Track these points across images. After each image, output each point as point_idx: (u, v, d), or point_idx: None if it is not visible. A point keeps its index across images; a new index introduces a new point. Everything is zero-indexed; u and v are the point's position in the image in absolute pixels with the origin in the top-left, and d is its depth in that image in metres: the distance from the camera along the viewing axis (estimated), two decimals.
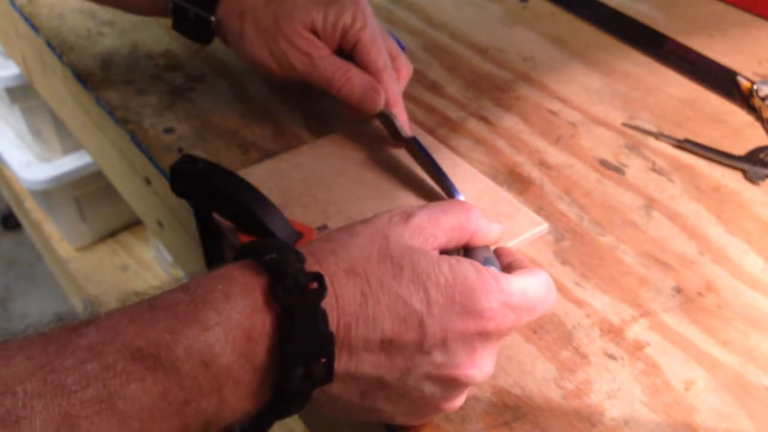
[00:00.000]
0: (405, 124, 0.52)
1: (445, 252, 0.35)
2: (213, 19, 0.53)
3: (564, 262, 0.46)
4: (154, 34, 0.66)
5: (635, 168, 0.55)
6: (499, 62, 0.66)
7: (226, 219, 0.44)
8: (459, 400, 0.35)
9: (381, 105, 0.51)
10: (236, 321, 0.29)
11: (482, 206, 0.48)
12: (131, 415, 0.26)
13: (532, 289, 0.35)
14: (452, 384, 0.34)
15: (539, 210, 0.50)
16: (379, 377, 0.32)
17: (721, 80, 0.65)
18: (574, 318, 0.43)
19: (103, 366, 0.26)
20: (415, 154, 0.51)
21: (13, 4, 0.70)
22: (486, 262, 0.37)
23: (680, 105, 0.62)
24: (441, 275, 0.33)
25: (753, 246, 0.49)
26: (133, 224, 1.31)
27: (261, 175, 0.49)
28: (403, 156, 0.52)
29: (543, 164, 0.54)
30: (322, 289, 0.30)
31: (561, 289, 0.45)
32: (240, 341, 0.29)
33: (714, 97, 0.63)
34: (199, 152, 0.53)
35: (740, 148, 0.57)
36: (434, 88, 0.62)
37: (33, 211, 1.36)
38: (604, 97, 0.62)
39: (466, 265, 0.33)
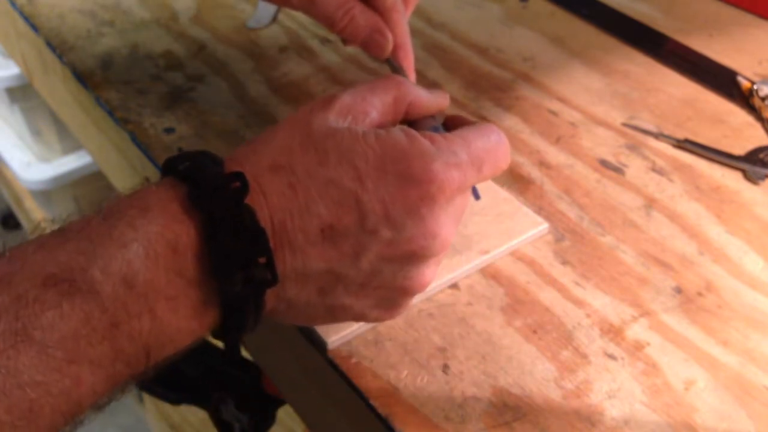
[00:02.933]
0: (412, 76, 0.47)
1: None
2: None
3: (564, 262, 0.46)
4: (154, 34, 0.66)
5: (635, 168, 0.55)
6: (499, 62, 0.66)
7: None
8: (425, 276, 0.33)
9: (388, 51, 0.45)
10: (155, 234, 0.27)
11: (482, 206, 0.48)
12: (51, 345, 0.24)
13: (475, 143, 0.33)
14: (410, 259, 0.32)
15: (539, 210, 0.50)
16: (330, 269, 0.31)
17: (721, 80, 0.65)
18: (574, 318, 0.43)
19: (13, 297, 0.24)
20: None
21: (13, 4, 0.70)
22: (433, 131, 0.34)
23: (680, 105, 0.62)
24: (368, 147, 0.31)
25: (753, 246, 0.49)
26: None
27: None
28: None
29: (543, 164, 0.54)
30: (245, 187, 0.28)
31: (561, 289, 0.45)
32: (164, 255, 0.27)
33: (714, 97, 0.63)
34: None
35: (740, 148, 0.57)
36: (434, 88, 0.62)
37: (33, 211, 1.36)
38: (604, 97, 0.62)
39: (395, 132, 0.31)
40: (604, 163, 0.55)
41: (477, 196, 0.39)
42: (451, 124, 0.36)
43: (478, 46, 0.68)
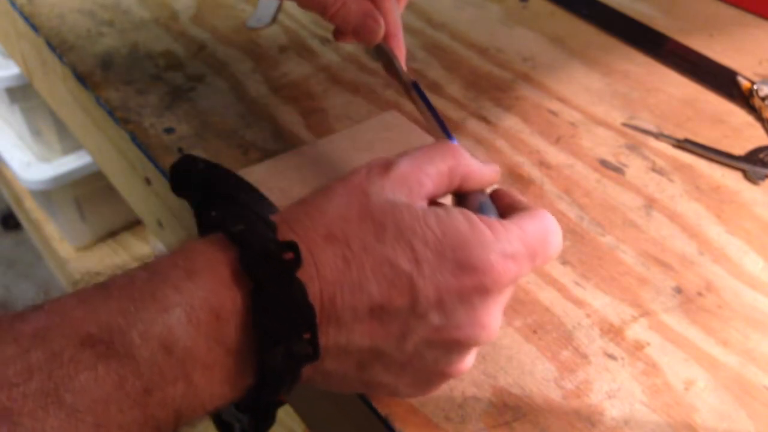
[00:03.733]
0: (403, 62, 0.47)
1: (433, 202, 0.32)
2: None
3: (564, 262, 0.46)
4: (154, 34, 0.66)
5: (635, 168, 0.55)
6: (499, 62, 0.66)
7: None
8: (465, 364, 0.32)
9: (380, 37, 0.45)
10: (200, 299, 0.26)
11: None
12: (82, 409, 0.23)
13: (532, 234, 0.32)
14: (455, 347, 0.31)
15: None
16: (374, 347, 0.30)
17: (721, 80, 0.65)
18: (574, 318, 0.43)
19: (48, 355, 0.23)
20: (413, 99, 0.47)
21: (13, 4, 0.70)
22: (482, 207, 0.34)
23: (680, 105, 0.62)
24: (428, 230, 0.30)
25: (753, 246, 0.49)
26: (133, 224, 1.31)
27: (261, 175, 0.49)
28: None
29: (543, 164, 0.54)
30: (297, 258, 0.28)
31: (561, 289, 0.45)
32: (206, 322, 0.26)
33: (714, 97, 0.63)
34: (199, 152, 0.53)
35: (740, 148, 0.57)
36: (434, 88, 0.62)
37: (33, 211, 1.36)
38: (604, 97, 0.62)
39: (455, 216, 0.30)
40: (604, 163, 0.55)
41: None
42: (498, 197, 0.35)
43: (478, 46, 0.68)
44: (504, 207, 0.35)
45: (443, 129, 0.44)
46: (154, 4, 0.71)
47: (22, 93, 1.14)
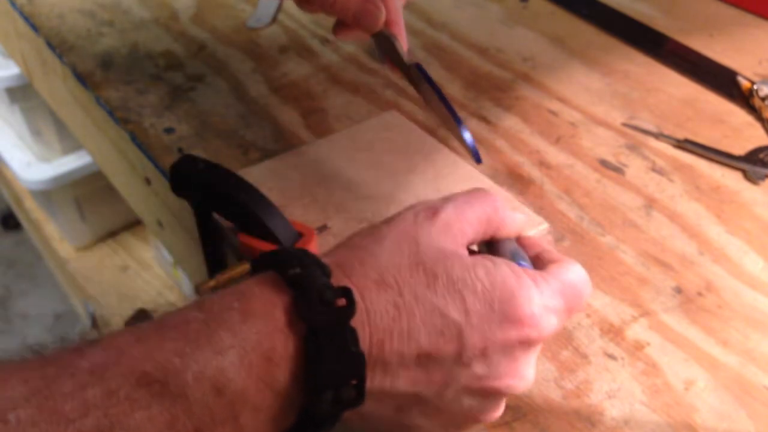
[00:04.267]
0: (405, 46, 0.46)
1: (469, 249, 0.33)
2: None
3: None
4: (154, 34, 0.66)
5: (635, 168, 0.55)
6: (499, 62, 0.66)
7: (226, 219, 0.44)
8: (498, 411, 0.33)
9: (381, 23, 0.44)
10: (254, 343, 0.27)
11: None
12: None
13: (569, 286, 0.33)
14: (492, 395, 0.32)
15: (539, 210, 0.50)
16: (416, 393, 0.30)
17: (721, 80, 0.65)
18: (574, 318, 0.43)
19: (104, 392, 0.24)
20: (416, 83, 0.47)
21: (13, 4, 0.70)
22: (514, 254, 0.35)
23: (680, 105, 0.62)
24: (477, 281, 0.30)
25: (753, 246, 0.49)
26: (133, 224, 1.31)
27: (261, 175, 0.49)
28: (402, 154, 0.52)
29: (543, 164, 0.54)
30: (352, 306, 0.28)
31: None
32: (258, 365, 0.27)
33: (714, 97, 0.63)
34: (199, 152, 0.53)
35: (740, 148, 0.57)
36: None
37: (33, 211, 1.36)
38: (604, 97, 0.62)
39: (503, 269, 0.31)
40: (604, 163, 0.55)
41: (478, 160, 0.40)
42: (527, 246, 0.36)
43: (478, 46, 0.68)
44: (533, 255, 0.36)
45: (450, 111, 0.44)
46: (154, 4, 0.71)
47: (22, 93, 1.14)
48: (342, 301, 0.28)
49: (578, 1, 0.76)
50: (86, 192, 1.23)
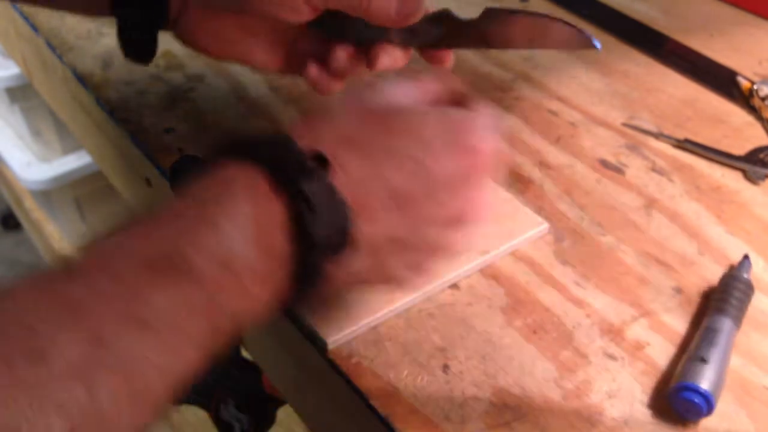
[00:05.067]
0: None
1: None
2: None
3: (564, 262, 0.46)
4: None
5: (635, 168, 0.55)
6: (499, 62, 0.66)
7: None
8: (458, 238, 0.36)
9: (422, 8, 0.41)
10: (246, 216, 0.29)
11: None
12: (159, 327, 0.26)
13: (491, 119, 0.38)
14: (453, 222, 0.35)
15: (539, 210, 0.50)
16: (392, 235, 0.33)
17: (721, 80, 0.65)
18: (574, 318, 0.43)
19: (118, 281, 0.25)
20: (491, 32, 0.43)
21: (13, 5, 0.70)
22: None
23: (680, 105, 0.62)
24: (431, 119, 0.34)
25: (753, 246, 0.49)
26: None
27: None
28: None
29: (543, 164, 0.54)
30: (326, 164, 0.31)
31: (561, 289, 0.45)
32: (255, 236, 0.29)
33: (714, 97, 0.63)
34: (199, 152, 0.53)
35: (740, 148, 0.57)
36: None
37: (33, 211, 1.36)
38: (604, 97, 0.62)
39: (449, 109, 0.36)
40: (604, 163, 0.55)
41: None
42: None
43: None
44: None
45: (549, 18, 0.41)
46: None
47: (22, 93, 1.14)
48: (317, 165, 0.30)
49: (578, 1, 0.76)
50: (86, 192, 1.23)
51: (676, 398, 0.37)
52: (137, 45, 0.44)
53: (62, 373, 0.23)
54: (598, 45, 0.39)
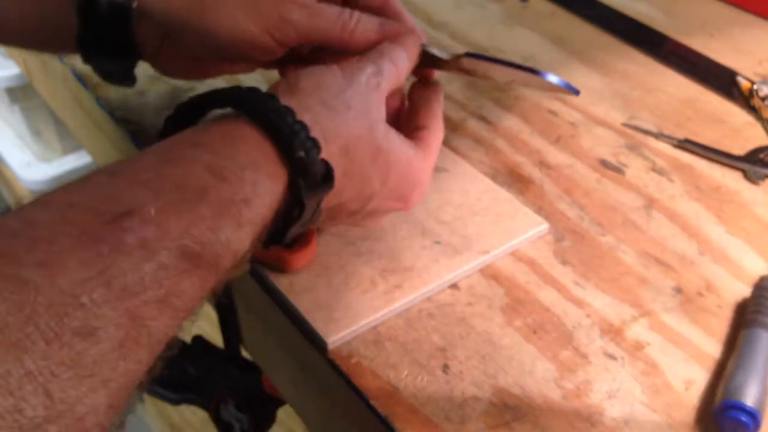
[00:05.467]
0: (423, 37, 0.43)
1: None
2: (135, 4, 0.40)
3: (564, 262, 0.46)
4: None
5: (635, 168, 0.55)
6: None
7: None
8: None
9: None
10: (261, 215, 0.32)
11: (482, 206, 0.48)
12: (183, 310, 0.28)
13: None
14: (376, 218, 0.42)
15: (539, 210, 0.50)
16: (334, 219, 0.39)
17: (721, 80, 0.65)
18: (574, 318, 0.43)
19: (157, 266, 0.27)
20: (471, 69, 0.43)
21: None
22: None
23: (680, 105, 0.62)
24: (400, 166, 0.38)
25: (753, 246, 0.49)
26: None
27: None
28: None
29: (543, 164, 0.54)
30: (331, 185, 0.34)
31: (561, 289, 0.45)
32: (258, 233, 0.32)
33: (714, 97, 0.63)
34: None
35: (740, 148, 0.57)
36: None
37: None
38: (604, 97, 0.62)
39: (422, 161, 0.39)
40: (604, 163, 0.55)
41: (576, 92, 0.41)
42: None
43: (478, 46, 0.68)
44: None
45: (525, 69, 0.41)
46: None
47: (22, 93, 1.14)
48: (326, 181, 0.34)
49: (578, 1, 0.76)
50: None
51: (723, 418, 0.36)
52: (115, 79, 0.46)
53: (109, 351, 0.25)
54: (577, 92, 0.41)
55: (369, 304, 0.42)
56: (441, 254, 0.45)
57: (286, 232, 0.34)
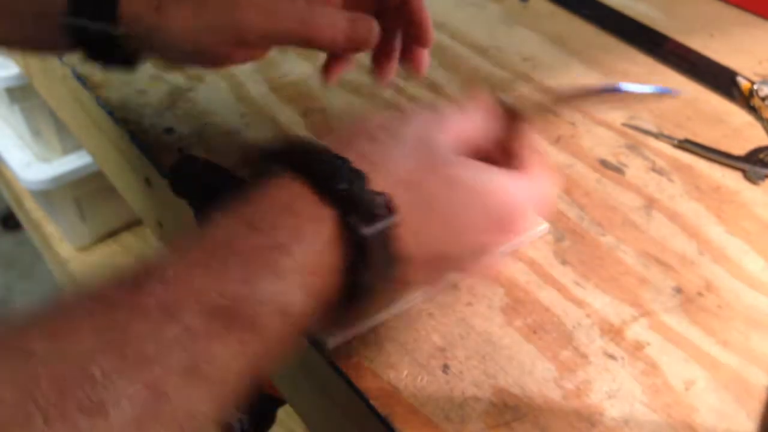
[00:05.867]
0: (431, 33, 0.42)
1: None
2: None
3: (564, 262, 0.46)
4: None
5: (635, 168, 0.55)
6: (499, 62, 0.66)
7: None
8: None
9: (376, 35, 0.40)
10: (310, 263, 0.28)
11: None
12: (215, 377, 0.25)
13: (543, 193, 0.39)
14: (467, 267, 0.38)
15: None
16: (417, 281, 0.35)
17: (721, 80, 0.65)
18: (574, 318, 0.43)
19: (182, 329, 0.24)
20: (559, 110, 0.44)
21: None
22: None
23: (680, 105, 0.62)
24: (490, 187, 0.34)
25: (753, 246, 0.49)
26: (133, 224, 1.31)
27: None
28: None
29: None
30: (392, 215, 0.30)
31: (561, 289, 0.45)
32: (313, 282, 0.28)
33: (714, 97, 0.63)
34: (199, 152, 0.53)
35: (740, 148, 0.57)
36: (434, 88, 0.62)
37: (33, 211, 1.36)
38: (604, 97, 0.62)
39: (508, 179, 0.35)
40: (604, 163, 0.55)
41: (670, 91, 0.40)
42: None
43: (478, 46, 0.68)
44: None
45: (609, 90, 0.43)
46: None
47: (22, 93, 1.14)
48: (385, 212, 0.30)
49: (578, 1, 0.76)
50: (86, 192, 1.22)
51: None
52: (114, 68, 0.43)
53: (120, 429, 0.22)
54: (674, 92, 0.40)
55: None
56: None
57: (361, 281, 0.30)
